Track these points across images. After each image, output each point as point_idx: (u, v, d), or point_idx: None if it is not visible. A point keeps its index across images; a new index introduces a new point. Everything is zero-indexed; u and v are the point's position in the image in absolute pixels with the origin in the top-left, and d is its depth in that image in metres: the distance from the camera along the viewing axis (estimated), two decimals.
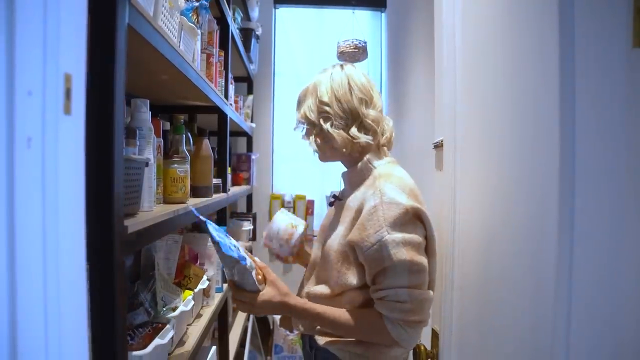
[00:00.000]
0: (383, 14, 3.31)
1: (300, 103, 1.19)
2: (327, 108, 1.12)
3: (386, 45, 3.22)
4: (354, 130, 1.12)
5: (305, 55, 3.31)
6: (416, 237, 1.01)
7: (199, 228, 1.75)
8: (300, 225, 1.09)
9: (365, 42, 2.96)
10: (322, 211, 3.24)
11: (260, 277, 1.03)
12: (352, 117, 1.12)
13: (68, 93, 0.45)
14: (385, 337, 1.01)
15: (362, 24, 3.23)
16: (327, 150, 1.16)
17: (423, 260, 1.01)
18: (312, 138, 1.16)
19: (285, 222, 1.08)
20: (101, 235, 0.61)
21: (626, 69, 0.58)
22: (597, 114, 0.61)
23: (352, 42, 2.91)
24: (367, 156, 1.15)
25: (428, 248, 1.07)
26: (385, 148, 1.20)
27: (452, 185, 1.15)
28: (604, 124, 0.61)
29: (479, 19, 1.02)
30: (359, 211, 1.05)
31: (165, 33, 0.89)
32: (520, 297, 0.81)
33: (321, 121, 1.13)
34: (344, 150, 1.12)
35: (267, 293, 1.03)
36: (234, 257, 0.96)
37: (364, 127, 1.13)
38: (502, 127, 0.90)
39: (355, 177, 1.15)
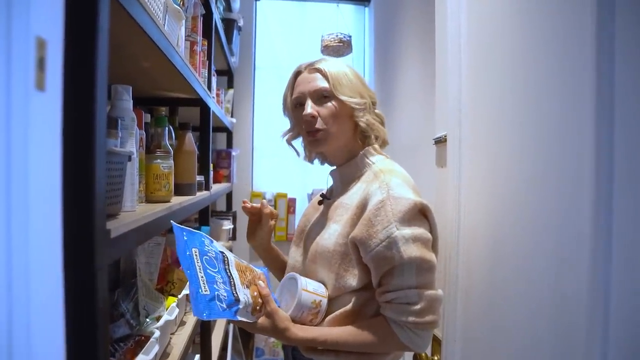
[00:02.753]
0: (367, 9, 3.27)
1: (338, 81, 1.05)
2: (366, 93, 1.09)
3: (371, 39, 3.17)
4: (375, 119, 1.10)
5: (287, 49, 3.23)
6: (425, 233, 0.94)
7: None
8: (323, 300, 0.98)
9: (349, 36, 2.90)
10: (304, 210, 3.15)
11: (258, 307, 0.94)
12: (373, 106, 1.11)
13: (41, 63, 0.36)
14: (396, 343, 0.93)
15: (346, 18, 3.17)
16: (343, 138, 1.07)
17: (433, 257, 0.94)
18: (332, 120, 1.05)
19: (308, 304, 0.96)
20: (80, 239, 0.51)
21: None
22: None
23: (337, 35, 2.84)
24: (364, 151, 1.08)
25: (432, 247, 1.00)
26: (376, 145, 1.13)
27: (456, 182, 1.10)
28: None
29: (488, 14, 0.96)
30: (360, 207, 0.97)
31: (151, 11, 0.79)
32: (536, 301, 0.75)
33: (359, 105, 1.06)
34: (366, 139, 1.09)
35: (261, 325, 0.94)
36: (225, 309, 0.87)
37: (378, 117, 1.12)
38: (515, 123, 0.85)
39: (350, 173, 1.08)
